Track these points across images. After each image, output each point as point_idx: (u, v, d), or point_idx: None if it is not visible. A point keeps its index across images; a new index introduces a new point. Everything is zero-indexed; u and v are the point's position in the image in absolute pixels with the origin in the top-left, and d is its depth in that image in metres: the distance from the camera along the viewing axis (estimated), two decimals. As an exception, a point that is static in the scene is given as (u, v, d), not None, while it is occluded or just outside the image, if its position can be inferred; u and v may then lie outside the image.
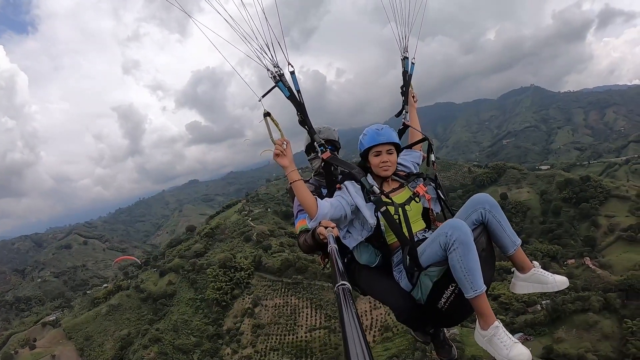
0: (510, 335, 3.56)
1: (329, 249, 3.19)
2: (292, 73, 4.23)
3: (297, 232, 4.59)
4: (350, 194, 4.17)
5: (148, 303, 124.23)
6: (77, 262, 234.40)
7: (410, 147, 5.02)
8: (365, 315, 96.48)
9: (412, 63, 5.48)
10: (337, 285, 2.21)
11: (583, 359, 71.66)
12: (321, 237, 3.79)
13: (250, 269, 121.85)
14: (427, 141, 4.90)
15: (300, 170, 4.59)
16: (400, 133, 5.00)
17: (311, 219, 4.04)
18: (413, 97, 5.56)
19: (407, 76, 5.46)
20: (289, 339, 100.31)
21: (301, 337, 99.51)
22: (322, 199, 4.18)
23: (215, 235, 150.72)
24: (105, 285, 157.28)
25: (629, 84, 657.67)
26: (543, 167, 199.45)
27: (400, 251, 4.09)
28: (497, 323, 3.61)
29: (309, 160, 5.44)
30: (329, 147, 4.88)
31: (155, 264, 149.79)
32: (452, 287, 3.70)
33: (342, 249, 4.23)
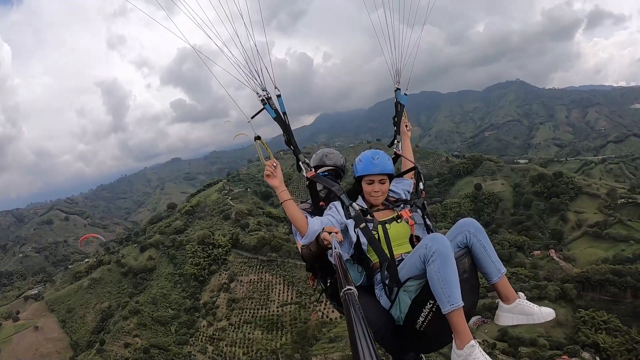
0: (486, 356, 3.43)
1: (333, 253, 3.32)
2: (279, 96, 4.44)
3: (300, 248, 4.52)
4: (338, 212, 4.28)
5: (128, 277, 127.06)
6: (59, 237, 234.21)
7: (401, 175, 5.12)
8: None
9: (405, 94, 5.67)
10: (343, 290, 2.19)
11: (535, 342, 74.46)
12: (325, 242, 3.83)
13: (228, 246, 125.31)
14: (416, 170, 5.00)
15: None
16: (393, 162, 4.94)
17: (302, 237, 4.17)
18: (406, 126, 5.70)
19: (399, 107, 5.64)
20: (261, 313, 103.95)
21: (273, 311, 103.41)
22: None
23: (195, 213, 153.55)
24: (86, 260, 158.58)
25: (614, 85, 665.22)
26: (521, 161, 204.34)
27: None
28: (474, 342, 3.46)
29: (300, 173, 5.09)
30: (330, 173, 5.38)
31: (136, 239, 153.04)
32: (430, 303, 3.63)
33: (329, 268, 4.36)
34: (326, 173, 5.37)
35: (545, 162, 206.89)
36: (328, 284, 4.57)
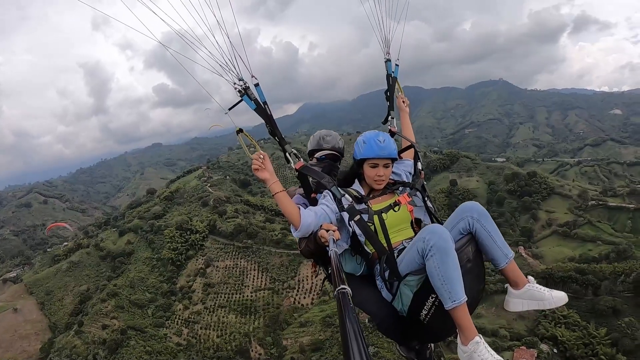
0: (492, 352, 3.29)
1: (329, 252, 3.21)
2: (257, 85, 4.21)
3: (297, 240, 4.38)
4: (334, 201, 4.10)
5: (107, 261, 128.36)
6: (37, 221, 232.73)
7: (398, 155, 4.73)
8: (307, 279, 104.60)
9: (397, 65, 5.31)
10: (337, 289, 2.19)
11: (496, 333, 76.07)
12: (322, 240, 3.75)
13: (205, 232, 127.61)
14: (413, 149, 4.78)
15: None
16: None
17: (295, 229, 4.00)
18: (403, 101, 5.43)
19: (390, 79, 5.26)
20: (236, 297, 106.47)
21: (247, 296, 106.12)
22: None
23: (174, 198, 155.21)
24: (65, 243, 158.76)
25: (597, 90, 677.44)
26: (499, 159, 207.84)
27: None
28: (478, 338, 3.32)
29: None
30: (325, 158, 5.17)
31: (115, 223, 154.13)
32: (432, 297, 3.46)
33: (327, 256, 3.87)
34: (324, 157, 5.24)
35: (522, 161, 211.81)
36: (330, 271, 4.20)
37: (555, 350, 73.57)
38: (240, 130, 4.04)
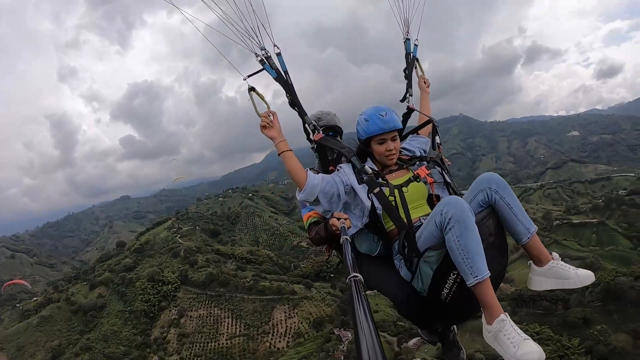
0: (519, 330, 3.06)
1: (341, 240, 3.14)
2: (279, 54, 4.09)
3: (306, 226, 4.45)
4: (346, 174, 3.95)
5: (79, 315, 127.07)
6: (4, 276, 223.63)
7: (415, 131, 4.83)
8: (280, 323, 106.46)
9: (415, 45, 5.31)
10: (349, 277, 2.13)
11: (473, 357, 76.94)
12: (333, 228, 3.72)
13: (177, 282, 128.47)
14: (431, 123, 4.64)
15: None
16: (405, 117, 4.82)
17: (300, 191, 3.88)
18: (425, 82, 5.45)
19: (409, 58, 5.26)
20: (211, 346, 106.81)
21: (222, 344, 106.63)
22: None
23: (144, 250, 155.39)
24: (35, 298, 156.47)
25: (554, 114, 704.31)
26: (464, 192, 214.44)
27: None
28: (504, 316, 3.12)
29: (312, 149, 4.78)
30: (330, 133, 4.93)
31: (86, 277, 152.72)
32: (453, 274, 3.28)
33: (339, 241, 3.52)
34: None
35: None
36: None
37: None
38: (252, 89, 3.99)
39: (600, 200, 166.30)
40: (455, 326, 4.35)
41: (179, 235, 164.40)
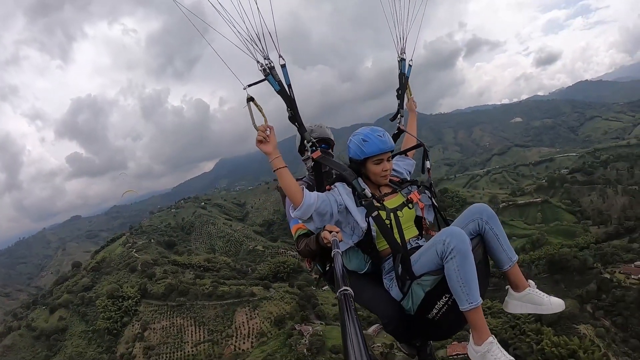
0: (504, 352, 3.40)
1: (332, 253, 3.18)
2: (283, 66, 3.92)
3: (295, 238, 4.38)
4: (340, 194, 3.98)
5: (41, 340, 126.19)
6: None
7: (404, 153, 5.02)
8: (243, 325, 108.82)
9: (410, 65, 5.34)
10: (339, 291, 2.15)
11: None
12: (325, 241, 3.70)
13: (137, 296, 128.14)
14: (422, 147, 4.88)
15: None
16: (394, 138, 4.99)
17: (295, 209, 3.83)
18: (413, 103, 5.67)
19: (403, 78, 5.34)
20: (177, 355, 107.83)
21: (188, 352, 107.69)
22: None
23: (101, 268, 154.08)
24: None
25: (497, 103, 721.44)
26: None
27: (391, 258, 3.89)
28: (492, 339, 3.44)
29: (302, 160, 5.02)
30: (323, 145, 4.93)
31: (44, 301, 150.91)
32: (445, 297, 3.51)
33: (328, 254, 3.88)
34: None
35: (435, 181, 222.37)
36: (327, 268, 4.45)
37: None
38: (251, 99, 3.77)
39: (544, 181, 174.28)
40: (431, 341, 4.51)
41: (134, 250, 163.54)
